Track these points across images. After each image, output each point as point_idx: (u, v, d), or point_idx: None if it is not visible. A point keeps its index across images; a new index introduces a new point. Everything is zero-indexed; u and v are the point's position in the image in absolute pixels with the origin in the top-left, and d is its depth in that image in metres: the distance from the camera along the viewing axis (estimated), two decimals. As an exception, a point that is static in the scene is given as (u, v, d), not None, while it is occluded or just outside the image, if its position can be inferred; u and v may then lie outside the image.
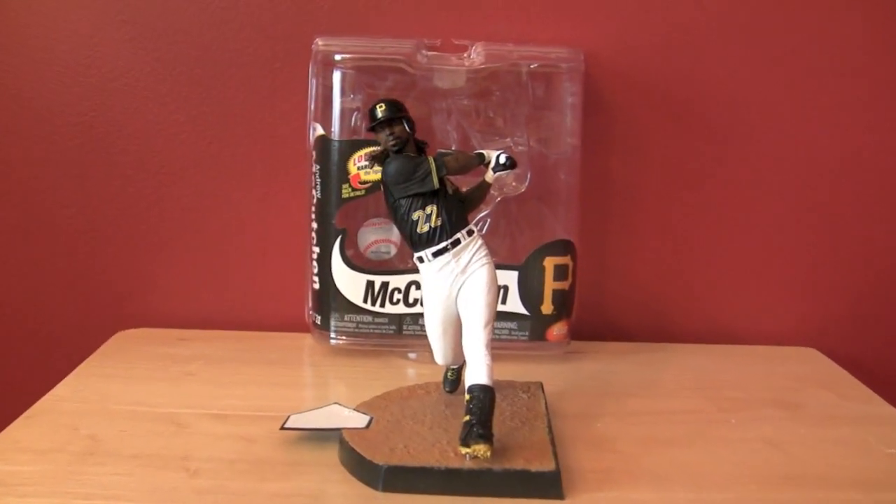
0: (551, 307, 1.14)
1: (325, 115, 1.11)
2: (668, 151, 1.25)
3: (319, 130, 1.11)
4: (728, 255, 1.29)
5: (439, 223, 0.85)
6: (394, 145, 0.87)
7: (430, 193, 0.85)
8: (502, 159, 0.89)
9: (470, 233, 0.87)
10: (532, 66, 1.12)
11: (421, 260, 0.87)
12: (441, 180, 0.85)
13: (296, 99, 1.19)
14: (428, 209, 0.85)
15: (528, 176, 1.13)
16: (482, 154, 0.90)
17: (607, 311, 1.29)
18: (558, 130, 1.14)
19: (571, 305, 1.16)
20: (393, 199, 0.86)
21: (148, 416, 0.95)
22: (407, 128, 0.87)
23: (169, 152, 1.25)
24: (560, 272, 1.14)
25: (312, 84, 1.12)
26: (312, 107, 1.12)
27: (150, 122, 1.24)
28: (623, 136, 1.24)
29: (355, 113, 1.11)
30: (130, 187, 1.26)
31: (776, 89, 1.24)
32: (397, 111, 0.87)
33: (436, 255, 0.86)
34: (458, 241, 0.86)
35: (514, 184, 1.13)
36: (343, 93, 1.11)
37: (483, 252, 0.87)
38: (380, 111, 0.87)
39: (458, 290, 0.86)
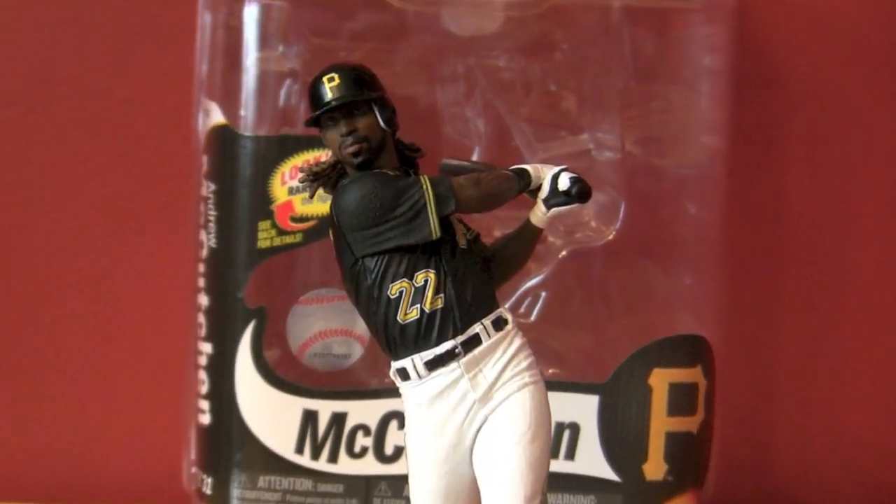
0: (664, 467, 1.14)
1: (227, 86, 1.13)
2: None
3: (217, 117, 1.14)
4: None
5: (440, 305, 0.86)
6: (355, 153, 0.88)
7: (425, 247, 0.86)
8: (565, 182, 0.89)
9: (499, 324, 0.87)
10: (632, -1, 1.15)
11: (405, 375, 0.87)
12: (446, 222, 0.86)
13: (173, 56, 1.22)
14: (419, 277, 0.86)
15: (622, 209, 1.15)
16: (526, 171, 0.91)
17: (778, 476, 1.30)
18: (683, 121, 1.16)
19: (705, 464, 1.17)
20: (353, 257, 0.87)
21: None
22: (381, 120, 0.88)
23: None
24: (682, 399, 1.14)
25: (206, 26, 1.14)
26: (204, 71, 1.15)
27: None
28: (813, 135, 1.27)
29: (287, 81, 1.13)
30: None
31: None
32: (362, 87, 0.88)
33: (432, 366, 0.86)
34: (475, 340, 0.86)
35: (592, 224, 1.15)
36: (264, 44, 1.13)
37: (525, 360, 0.87)
38: (329, 88, 0.88)
39: (476, 435, 0.87)
